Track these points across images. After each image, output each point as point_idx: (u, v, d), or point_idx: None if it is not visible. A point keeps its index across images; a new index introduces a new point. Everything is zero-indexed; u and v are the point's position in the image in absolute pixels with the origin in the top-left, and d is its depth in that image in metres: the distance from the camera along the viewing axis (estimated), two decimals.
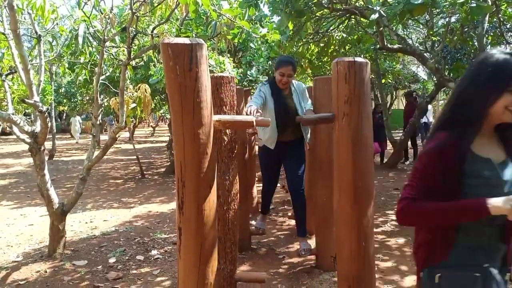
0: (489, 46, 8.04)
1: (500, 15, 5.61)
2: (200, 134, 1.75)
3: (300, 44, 6.98)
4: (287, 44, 6.55)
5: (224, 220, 2.63)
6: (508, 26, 7.58)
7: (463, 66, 6.31)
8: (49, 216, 3.81)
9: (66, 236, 3.93)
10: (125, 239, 4.30)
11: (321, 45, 7.05)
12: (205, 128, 1.77)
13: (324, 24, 6.70)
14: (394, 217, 4.64)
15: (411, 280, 3.12)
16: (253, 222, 4.27)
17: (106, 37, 3.71)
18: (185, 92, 1.71)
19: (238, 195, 2.76)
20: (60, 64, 5.67)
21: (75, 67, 5.81)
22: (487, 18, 5.10)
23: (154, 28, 3.98)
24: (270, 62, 8.40)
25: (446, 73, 6.51)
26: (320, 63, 8.24)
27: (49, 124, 3.57)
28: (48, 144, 11.57)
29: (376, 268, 3.03)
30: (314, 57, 7.89)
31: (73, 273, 3.41)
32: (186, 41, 1.70)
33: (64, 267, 3.54)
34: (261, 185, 4.03)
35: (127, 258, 3.75)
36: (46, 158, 3.66)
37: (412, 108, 8.93)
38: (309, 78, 10.97)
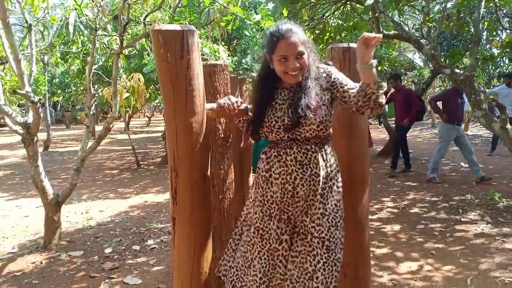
0: (485, 32, 8.01)
1: (496, 1, 5.57)
2: (193, 123, 1.72)
3: None
4: None
5: (219, 209, 2.62)
6: (504, 11, 7.54)
7: (459, 52, 6.26)
8: (43, 207, 3.79)
9: (61, 227, 3.92)
10: (121, 229, 4.30)
11: (317, 32, 6.98)
12: (197, 117, 1.74)
13: (319, 10, 6.64)
14: (389, 204, 4.65)
15: (407, 266, 3.13)
16: None
17: (97, 26, 3.65)
18: (177, 80, 1.68)
19: (234, 184, 2.75)
20: (52, 54, 5.58)
21: (67, 57, 5.73)
22: (483, 4, 5.04)
23: (146, 16, 3.92)
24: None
25: (442, 60, 6.47)
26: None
27: (42, 115, 3.52)
28: (43, 135, 11.50)
29: (371, 255, 3.04)
30: None
31: (69, 264, 3.40)
32: (177, 27, 1.67)
33: (60, 258, 3.53)
34: None
35: (123, 248, 3.74)
36: (41, 149, 3.62)
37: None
38: None
